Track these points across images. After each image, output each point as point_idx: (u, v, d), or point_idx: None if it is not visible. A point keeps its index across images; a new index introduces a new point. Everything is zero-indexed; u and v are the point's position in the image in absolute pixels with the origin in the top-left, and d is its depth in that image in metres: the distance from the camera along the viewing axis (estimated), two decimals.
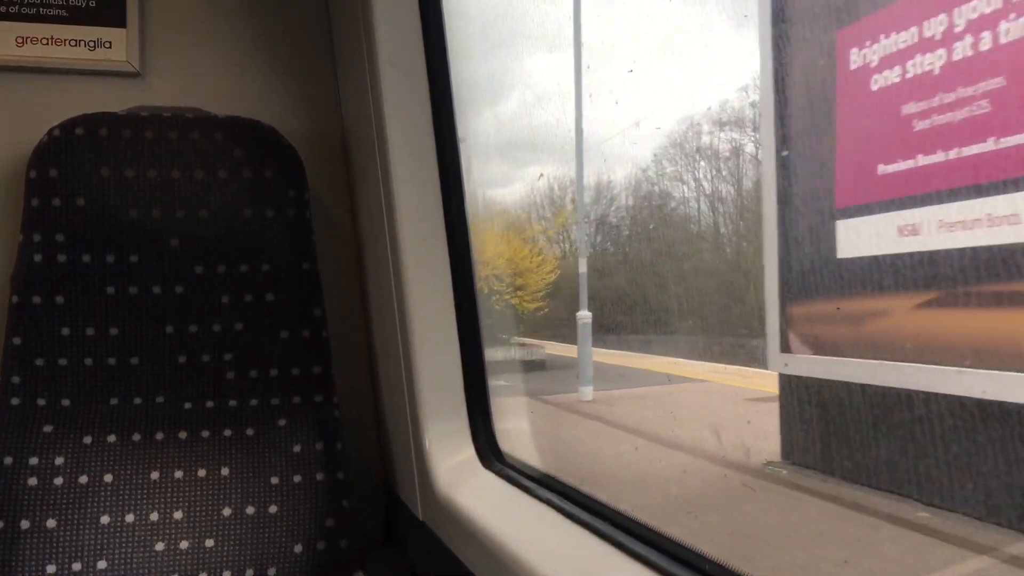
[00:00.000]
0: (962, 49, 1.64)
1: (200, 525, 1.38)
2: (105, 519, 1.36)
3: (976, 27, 1.60)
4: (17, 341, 1.40)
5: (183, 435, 1.43)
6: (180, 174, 1.46)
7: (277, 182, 1.49)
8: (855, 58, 1.94)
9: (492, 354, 1.45)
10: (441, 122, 1.39)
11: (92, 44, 1.58)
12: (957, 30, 1.66)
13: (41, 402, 1.40)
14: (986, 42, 1.60)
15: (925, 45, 1.74)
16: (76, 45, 1.57)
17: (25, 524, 1.33)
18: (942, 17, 1.67)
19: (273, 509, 1.40)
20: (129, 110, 1.50)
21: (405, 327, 1.38)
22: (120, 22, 1.59)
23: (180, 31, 1.63)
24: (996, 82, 1.55)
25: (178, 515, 1.38)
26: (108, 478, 1.38)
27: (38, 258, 1.41)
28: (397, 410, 1.50)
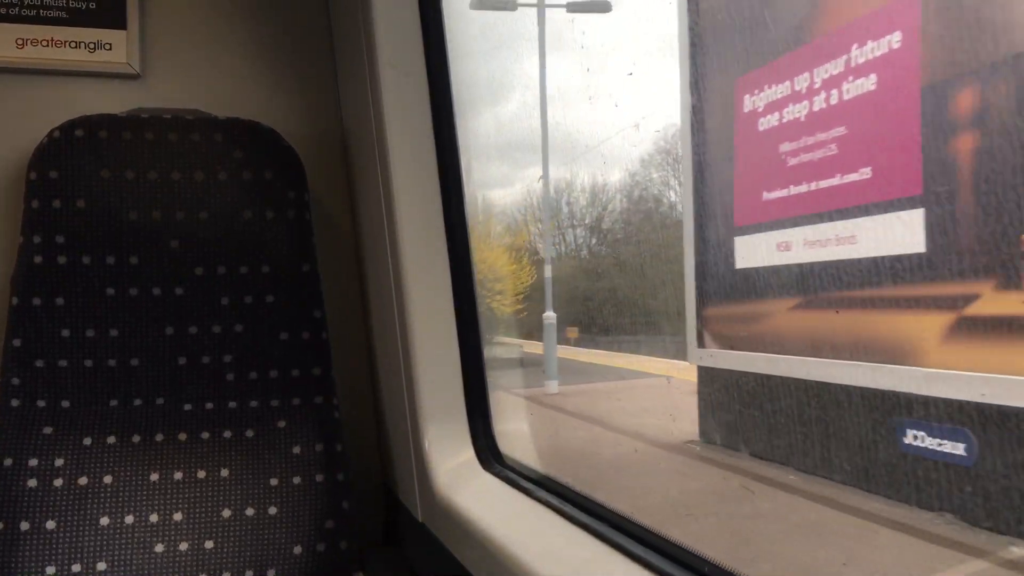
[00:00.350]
0: (819, 102, 2.08)
1: (200, 526, 1.38)
2: (105, 520, 1.36)
3: (827, 85, 2.03)
4: (17, 343, 1.40)
5: (183, 436, 1.44)
6: (180, 176, 1.46)
7: (277, 184, 1.50)
8: (747, 103, 2.42)
9: None
10: (441, 124, 1.39)
11: (92, 46, 1.58)
12: (815, 86, 2.08)
13: (41, 403, 1.40)
14: (834, 97, 2.03)
15: (795, 97, 2.19)
16: (76, 47, 1.57)
17: (25, 525, 1.33)
18: (806, 75, 2.11)
19: (273, 510, 1.40)
20: (129, 112, 1.51)
21: (405, 328, 1.38)
22: (120, 24, 1.59)
23: (180, 33, 1.63)
24: (840, 130, 1.98)
25: (178, 516, 1.38)
26: (108, 479, 1.38)
27: (38, 260, 1.41)
28: (397, 411, 1.50)
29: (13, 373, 1.40)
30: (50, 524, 1.34)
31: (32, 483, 1.35)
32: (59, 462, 1.37)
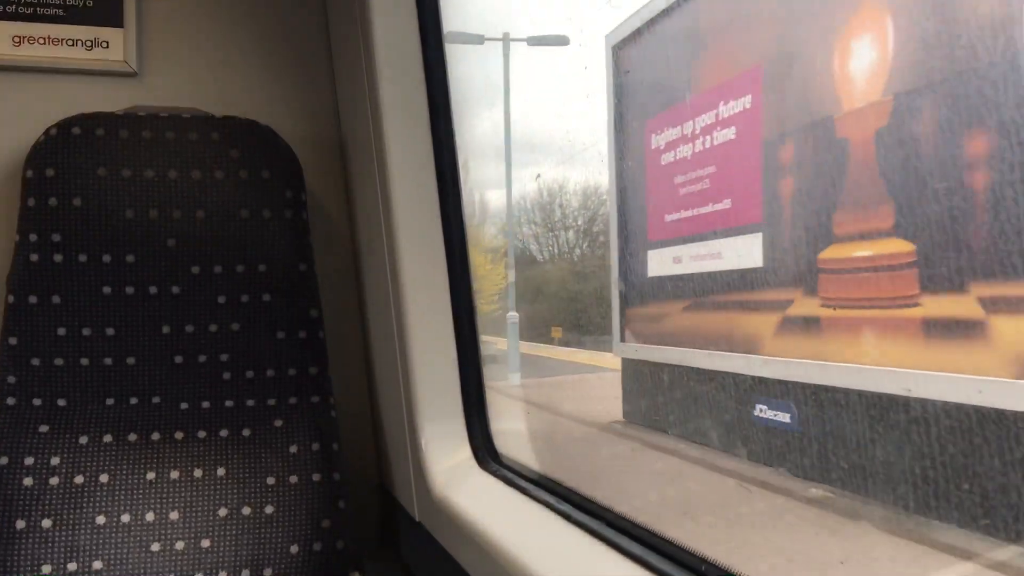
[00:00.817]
0: (701, 144, 2.70)
1: (196, 525, 1.38)
2: (101, 519, 1.36)
3: (704, 132, 2.64)
4: (13, 341, 1.40)
5: (179, 435, 1.43)
6: (177, 174, 1.46)
7: (274, 183, 1.49)
8: (653, 141, 3.12)
9: None
10: (438, 124, 1.39)
11: (89, 44, 1.58)
12: (696, 132, 2.68)
13: (37, 402, 1.40)
14: (707, 143, 2.65)
15: (683, 139, 2.84)
16: (73, 45, 1.57)
17: (21, 524, 1.32)
18: (690, 122, 2.73)
19: (269, 510, 1.40)
20: (126, 110, 1.50)
21: (402, 328, 1.38)
22: (117, 22, 1.59)
23: (178, 31, 1.63)
24: (711, 168, 2.63)
25: (174, 515, 1.38)
26: (104, 478, 1.38)
27: (34, 258, 1.41)
28: (393, 411, 1.50)
29: (9, 371, 1.39)
30: (46, 523, 1.33)
31: (28, 482, 1.35)
32: (55, 461, 1.37)
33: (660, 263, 3.34)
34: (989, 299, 1.94)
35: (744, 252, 2.84)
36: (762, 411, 2.64)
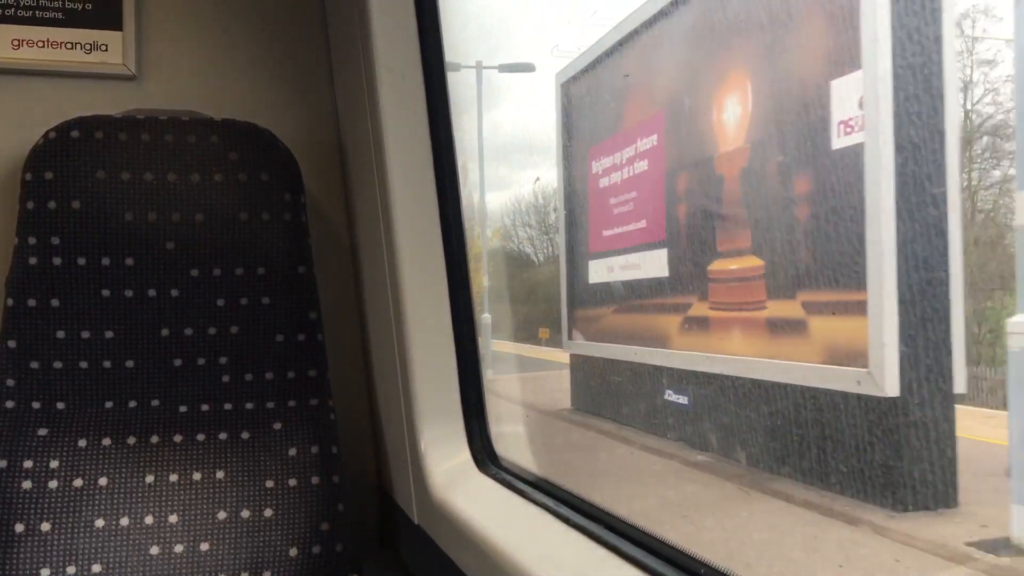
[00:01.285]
0: (626, 172, 3.28)
1: (195, 529, 1.38)
2: (100, 523, 1.36)
3: (628, 162, 3.24)
4: (12, 344, 1.40)
5: (178, 438, 1.43)
6: (176, 177, 1.46)
7: (273, 185, 1.49)
8: (594, 167, 3.73)
9: None
10: (437, 126, 1.40)
11: (88, 47, 1.58)
12: (623, 161, 3.27)
13: (36, 405, 1.40)
14: (630, 172, 3.24)
15: (614, 167, 3.41)
16: (72, 48, 1.57)
17: (19, 528, 1.32)
18: (619, 153, 3.30)
19: (268, 513, 1.40)
20: (125, 113, 1.50)
21: (401, 330, 1.38)
22: (116, 25, 1.59)
23: (176, 34, 1.63)
24: (633, 193, 3.24)
25: (173, 519, 1.38)
26: (103, 481, 1.38)
27: (33, 261, 1.41)
28: (393, 414, 1.50)
29: (8, 374, 1.39)
30: (45, 526, 1.33)
31: (27, 485, 1.35)
32: (54, 464, 1.37)
33: (597, 272, 4.05)
34: (805, 304, 2.61)
35: (655, 264, 3.55)
36: (669, 395, 3.34)
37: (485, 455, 1.39)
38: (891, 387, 2.22)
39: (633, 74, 3.74)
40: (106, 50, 1.58)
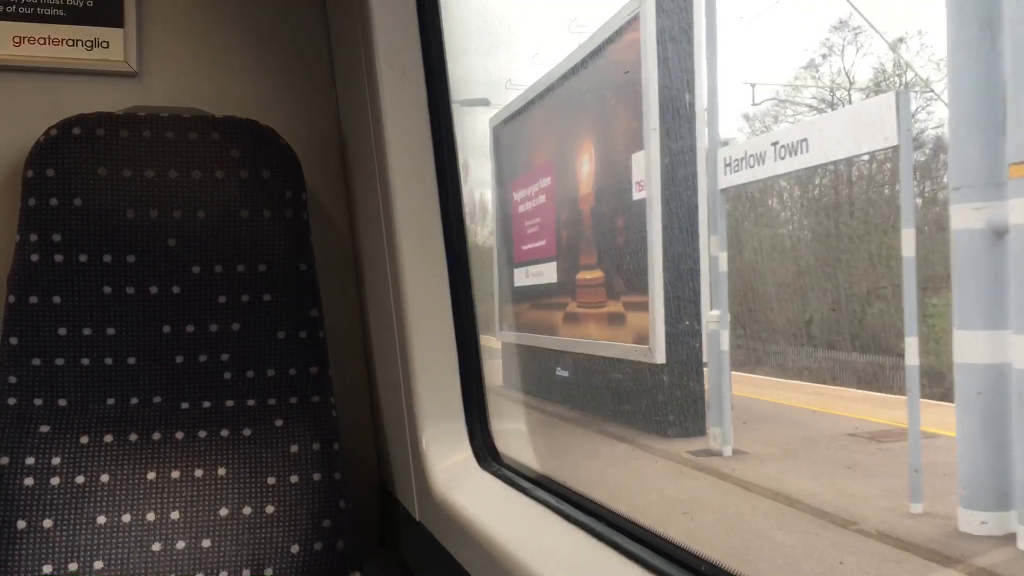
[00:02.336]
0: (533, 203, 5.13)
1: (197, 525, 1.38)
2: (102, 519, 1.36)
3: (535, 195, 5.13)
4: (14, 341, 1.40)
5: (180, 435, 1.43)
6: (177, 174, 1.46)
7: (274, 183, 1.49)
8: (516, 195, 5.37)
9: None
10: (438, 122, 1.39)
11: (89, 44, 1.58)
12: (531, 193, 5.16)
13: (38, 402, 1.40)
14: (535, 203, 5.12)
15: (526, 198, 5.22)
16: (73, 45, 1.57)
17: (21, 524, 1.33)
18: (529, 188, 5.18)
19: (270, 509, 1.41)
20: (126, 110, 1.50)
21: (402, 327, 1.38)
22: (117, 22, 1.59)
23: (178, 31, 1.63)
24: (537, 219, 5.12)
25: (175, 515, 1.38)
26: (105, 478, 1.38)
27: (35, 258, 1.41)
28: (394, 411, 1.50)
29: (10, 371, 1.40)
30: (47, 523, 1.34)
31: (29, 482, 1.35)
32: (56, 461, 1.37)
33: (519, 277, 5.43)
34: (623, 303, 4.01)
35: (550, 273, 4.99)
36: (559, 371, 4.79)
37: (486, 452, 1.39)
38: (660, 357, 3.57)
39: (533, 128, 5.27)
40: (107, 47, 1.58)
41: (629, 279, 4.02)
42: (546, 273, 5.01)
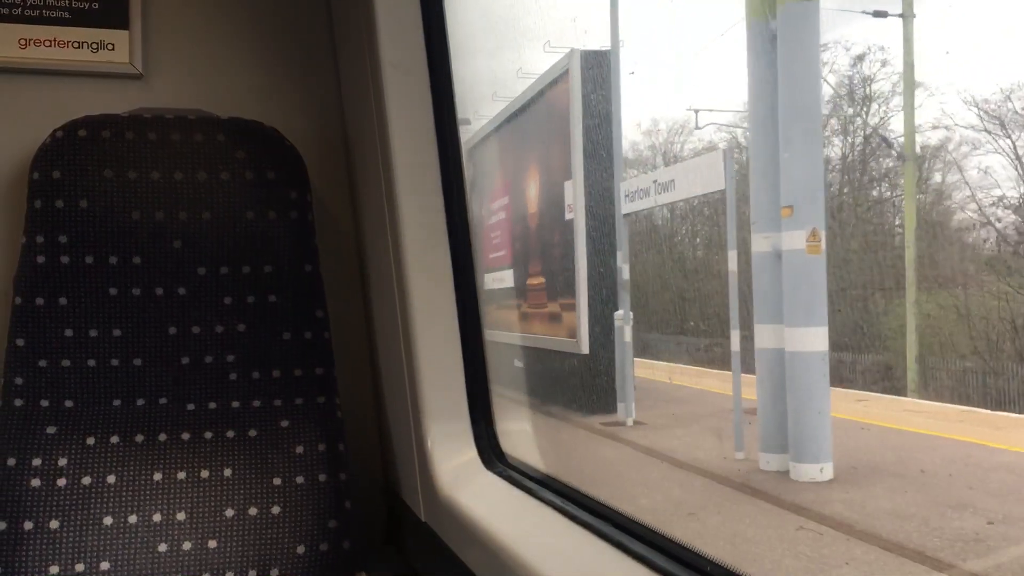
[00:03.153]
0: (496, 217, 6.53)
1: (203, 526, 1.39)
2: (108, 520, 1.36)
3: (497, 211, 6.55)
4: (20, 342, 1.40)
5: (186, 436, 1.44)
6: (183, 176, 1.47)
7: (279, 184, 1.50)
8: (484, 210, 6.51)
9: None
10: (443, 122, 1.39)
11: (95, 46, 1.58)
12: (495, 210, 6.55)
13: (44, 403, 1.40)
14: (498, 218, 6.57)
15: (492, 212, 6.52)
16: (79, 47, 1.57)
17: (28, 525, 1.33)
18: (493, 204, 6.47)
19: (276, 510, 1.41)
20: (132, 112, 1.51)
21: (407, 328, 1.38)
22: (123, 24, 1.59)
23: (183, 33, 1.63)
24: (499, 231, 6.54)
25: (181, 516, 1.39)
26: (111, 479, 1.38)
27: (41, 260, 1.41)
28: (399, 411, 1.50)
29: (16, 373, 1.40)
30: (54, 524, 1.34)
31: (36, 483, 1.35)
32: (62, 462, 1.37)
33: (488, 282, 6.00)
34: (559, 304, 5.20)
35: (508, 279, 6.02)
36: (516, 363, 4.83)
37: (492, 453, 1.39)
38: (585, 349, 4.57)
39: (494, 154, 6.34)
40: (112, 49, 1.59)
41: (563, 284, 5.23)
42: (506, 279, 6.24)
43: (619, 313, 4.31)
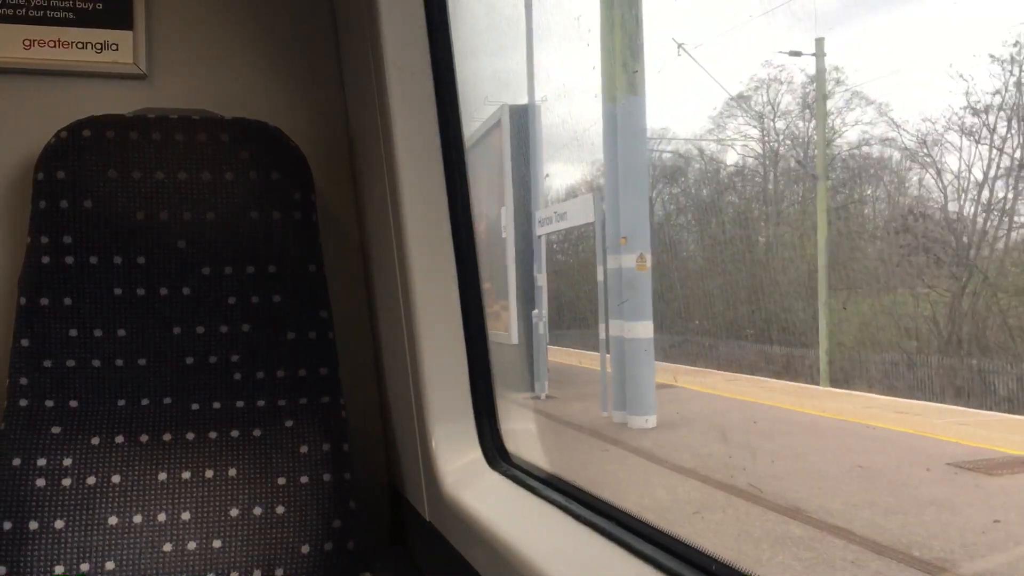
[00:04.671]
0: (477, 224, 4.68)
1: (208, 526, 1.39)
2: (113, 520, 1.36)
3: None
4: (25, 343, 1.41)
5: (190, 436, 1.44)
6: (187, 176, 1.47)
7: (283, 184, 1.50)
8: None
9: None
10: (447, 123, 1.40)
11: (99, 46, 1.58)
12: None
13: (49, 403, 1.41)
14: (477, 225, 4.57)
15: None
16: (83, 47, 1.58)
17: (34, 525, 1.33)
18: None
19: (280, 510, 1.41)
20: (136, 112, 1.51)
21: (411, 328, 1.38)
22: (127, 24, 1.59)
23: (186, 33, 1.64)
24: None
25: (186, 516, 1.39)
26: (116, 479, 1.39)
27: (46, 260, 1.42)
28: (403, 411, 1.50)
29: (21, 373, 1.40)
30: (59, 523, 1.34)
31: (41, 483, 1.36)
32: (67, 462, 1.38)
33: None
34: (500, 305, 5.38)
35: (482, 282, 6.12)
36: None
37: (496, 452, 1.39)
38: (515, 340, 5.40)
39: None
40: (117, 49, 1.59)
41: (502, 290, 5.83)
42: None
43: (535, 312, 5.90)
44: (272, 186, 1.49)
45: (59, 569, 1.33)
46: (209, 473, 1.42)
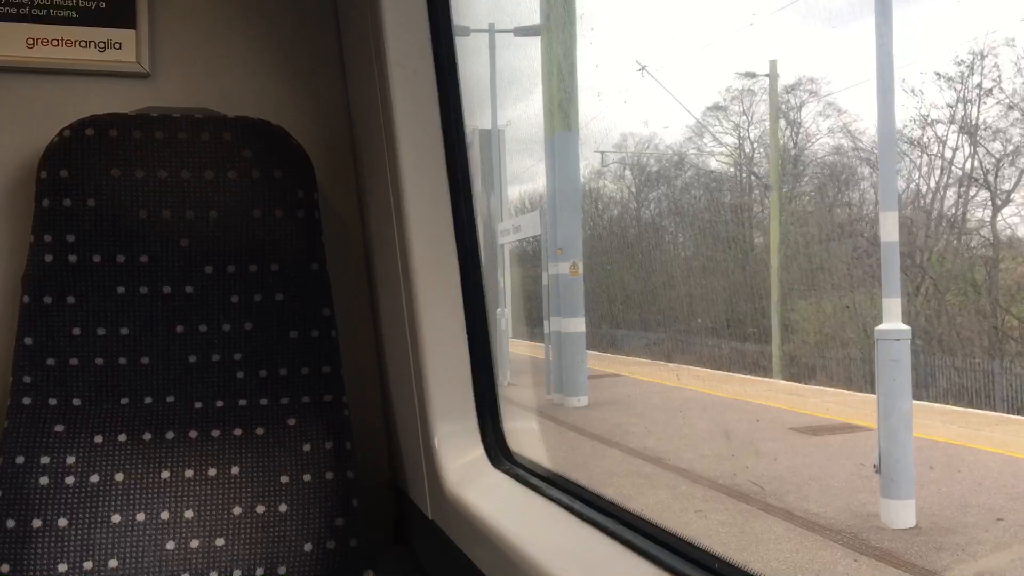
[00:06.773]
0: None
1: (211, 524, 1.39)
2: (116, 518, 1.37)
3: None
4: (28, 341, 1.41)
5: (193, 434, 1.44)
6: (190, 174, 1.47)
7: (286, 182, 1.50)
8: None
9: None
10: (449, 122, 1.40)
11: (102, 45, 1.58)
12: None
13: (52, 401, 1.41)
14: None
15: None
16: (86, 46, 1.58)
17: (37, 523, 1.33)
18: None
19: (283, 508, 1.41)
20: (139, 111, 1.51)
21: (414, 327, 1.38)
22: (130, 23, 1.59)
23: (189, 32, 1.64)
24: None
25: (189, 514, 1.39)
26: (119, 477, 1.39)
27: (49, 259, 1.42)
28: (406, 409, 1.51)
29: (25, 371, 1.41)
30: (62, 521, 1.34)
31: (44, 481, 1.36)
32: (71, 460, 1.38)
33: None
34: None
35: None
36: None
37: (499, 451, 1.39)
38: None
39: None
40: (120, 48, 1.59)
41: None
42: None
43: (499, 310, 6.52)
44: (275, 184, 1.49)
45: (62, 567, 1.33)
46: (212, 471, 1.42)
